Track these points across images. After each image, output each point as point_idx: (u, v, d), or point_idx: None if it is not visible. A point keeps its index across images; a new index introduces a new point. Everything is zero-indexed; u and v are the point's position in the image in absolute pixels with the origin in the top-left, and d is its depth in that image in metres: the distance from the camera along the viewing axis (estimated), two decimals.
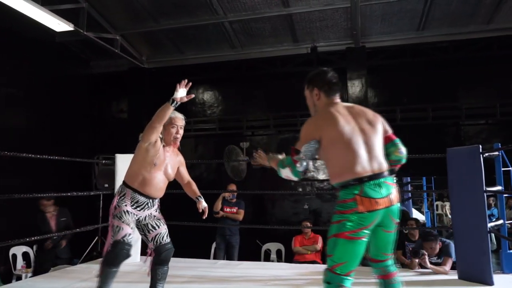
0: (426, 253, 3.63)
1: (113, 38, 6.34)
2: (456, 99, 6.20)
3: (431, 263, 3.62)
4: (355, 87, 6.32)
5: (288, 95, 6.93)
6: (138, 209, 2.56)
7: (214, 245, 5.75)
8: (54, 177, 6.65)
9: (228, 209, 5.51)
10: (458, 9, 5.61)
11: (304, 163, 1.92)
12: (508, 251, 3.66)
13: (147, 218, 2.61)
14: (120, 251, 2.40)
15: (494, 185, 3.56)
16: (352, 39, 6.31)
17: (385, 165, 1.95)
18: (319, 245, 5.20)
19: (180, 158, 2.80)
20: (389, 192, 1.88)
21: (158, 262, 2.63)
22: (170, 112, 2.42)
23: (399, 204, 1.94)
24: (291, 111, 6.65)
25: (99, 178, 6.49)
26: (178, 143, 2.69)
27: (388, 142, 2.05)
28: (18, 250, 5.53)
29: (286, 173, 1.99)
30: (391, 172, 1.98)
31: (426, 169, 6.23)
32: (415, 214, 8.79)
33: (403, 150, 2.07)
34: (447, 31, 6.03)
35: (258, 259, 5.94)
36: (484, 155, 3.26)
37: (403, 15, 5.79)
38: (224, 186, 5.68)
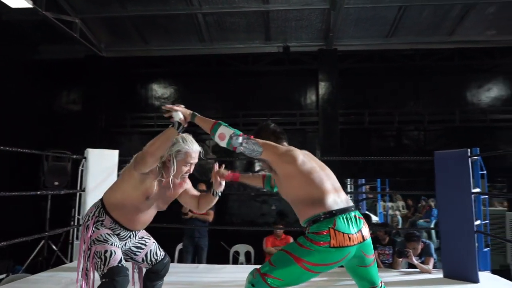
0: (411, 251, 3.71)
1: (72, 21, 5.73)
2: (419, 105, 6.51)
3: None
4: (325, 88, 6.37)
5: (258, 93, 6.81)
6: (118, 239, 2.13)
7: (178, 247, 5.44)
8: None
9: None
10: (426, 20, 5.89)
11: (240, 146, 1.88)
12: (484, 250, 3.86)
13: (127, 243, 2.22)
14: (123, 277, 1.97)
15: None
16: (324, 41, 6.35)
17: (349, 199, 1.95)
18: None
19: (186, 186, 2.33)
20: (360, 227, 1.85)
21: (155, 278, 2.36)
22: (174, 138, 1.98)
23: (370, 239, 1.90)
24: (261, 110, 6.53)
25: (48, 175, 5.85)
26: (187, 178, 2.28)
27: None
28: None
29: (223, 131, 1.90)
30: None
31: (391, 170, 6.46)
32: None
33: None
34: (413, 39, 6.31)
35: (227, 262, 5.71)
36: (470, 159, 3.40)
37: (376, 21, 5.94)
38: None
